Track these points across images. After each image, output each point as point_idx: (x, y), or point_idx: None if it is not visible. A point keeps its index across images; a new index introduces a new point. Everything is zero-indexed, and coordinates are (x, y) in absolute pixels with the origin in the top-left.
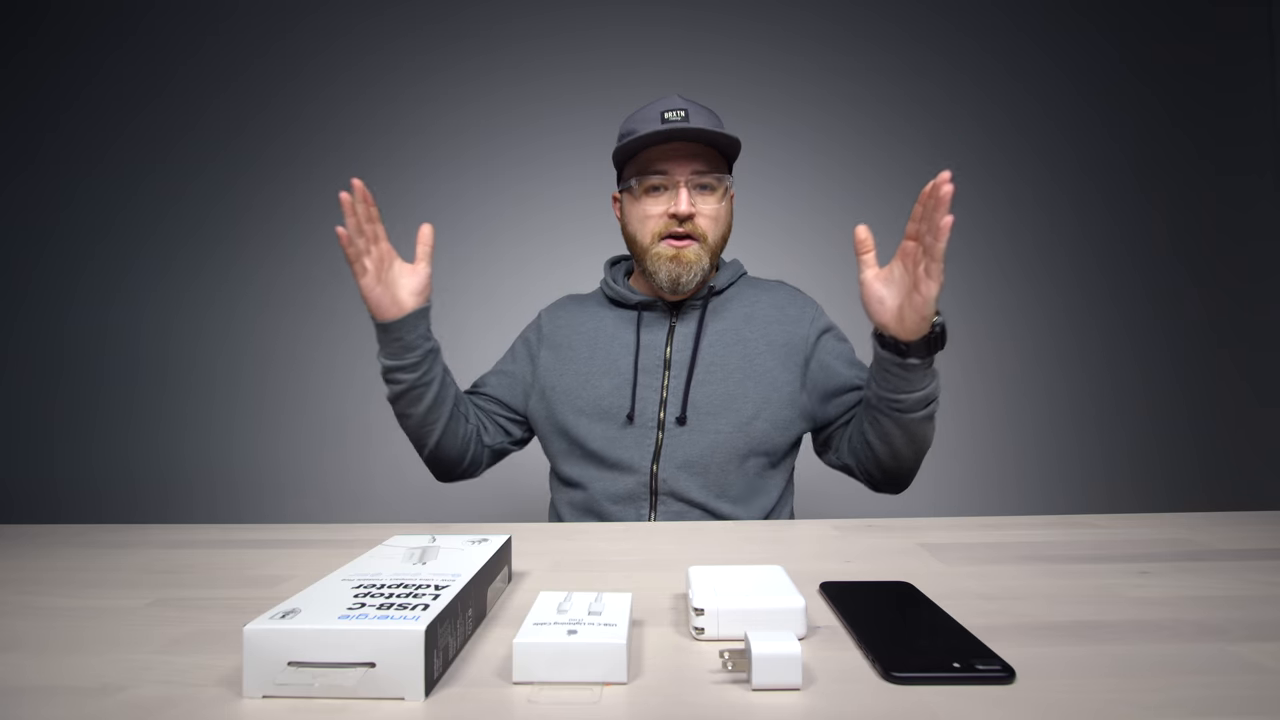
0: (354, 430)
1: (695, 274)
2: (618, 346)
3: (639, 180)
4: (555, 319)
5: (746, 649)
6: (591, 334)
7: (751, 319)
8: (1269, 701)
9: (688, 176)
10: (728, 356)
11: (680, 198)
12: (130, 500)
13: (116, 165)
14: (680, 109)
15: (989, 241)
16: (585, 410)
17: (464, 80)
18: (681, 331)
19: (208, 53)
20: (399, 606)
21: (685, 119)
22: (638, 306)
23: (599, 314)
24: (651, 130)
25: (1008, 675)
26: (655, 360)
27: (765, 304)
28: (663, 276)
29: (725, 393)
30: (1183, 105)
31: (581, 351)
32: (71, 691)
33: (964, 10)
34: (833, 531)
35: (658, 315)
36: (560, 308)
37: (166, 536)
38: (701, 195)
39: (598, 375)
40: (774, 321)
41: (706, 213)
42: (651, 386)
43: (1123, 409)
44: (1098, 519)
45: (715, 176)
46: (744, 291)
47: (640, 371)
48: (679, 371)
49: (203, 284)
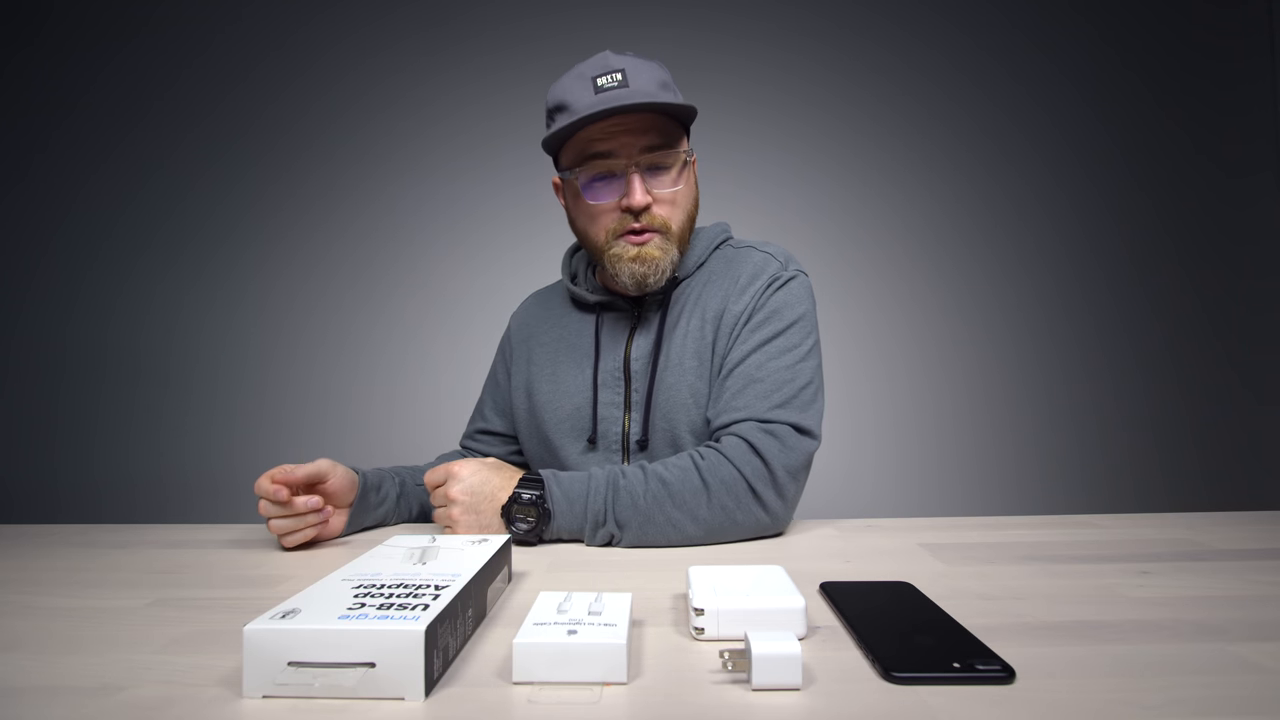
0: (354, 430)
1: (663, 269)
2: (579, 356)
3: (579, 169)
4: (522, 327)
5: (746, 649)
6: (555, 342)
7: (702, 302)
8: (1269, 701)
9: (637, 158)
10: (684, 358)
11: (634, 187)
12: (130, 500)
13: (117, 168)
14: (615, 70)
15: (989, 241)
16: (557, 427)
17: (465, 82)
18: (641, 335)
19: (210, 57)
20: (399, 607)
21: (624, 82)
22: (596, 308)
23: (561, 316)
24: (585, 108)
25: (1008, 675)
26: (615, 372)
27: (722, 281)
28: (626, 278)
29: (680, 403)
30: (1183, 104)
31: (545, 366)
32: (71, 691)
33: (964, 10)
34: (833, 531)
35: (619, 316)
36: (525, 312)
37: (166, 536)
38: (655, 177)
39: (562, 393)
40: (732, 300)
41: (664, 198)
42: (614, 404)
43: (1123, 409)
44: (1098, 519)
45: (671, 152)
46: (712, 268)
47: (600, 387)
48: (639, 383)
49: (203, 285)
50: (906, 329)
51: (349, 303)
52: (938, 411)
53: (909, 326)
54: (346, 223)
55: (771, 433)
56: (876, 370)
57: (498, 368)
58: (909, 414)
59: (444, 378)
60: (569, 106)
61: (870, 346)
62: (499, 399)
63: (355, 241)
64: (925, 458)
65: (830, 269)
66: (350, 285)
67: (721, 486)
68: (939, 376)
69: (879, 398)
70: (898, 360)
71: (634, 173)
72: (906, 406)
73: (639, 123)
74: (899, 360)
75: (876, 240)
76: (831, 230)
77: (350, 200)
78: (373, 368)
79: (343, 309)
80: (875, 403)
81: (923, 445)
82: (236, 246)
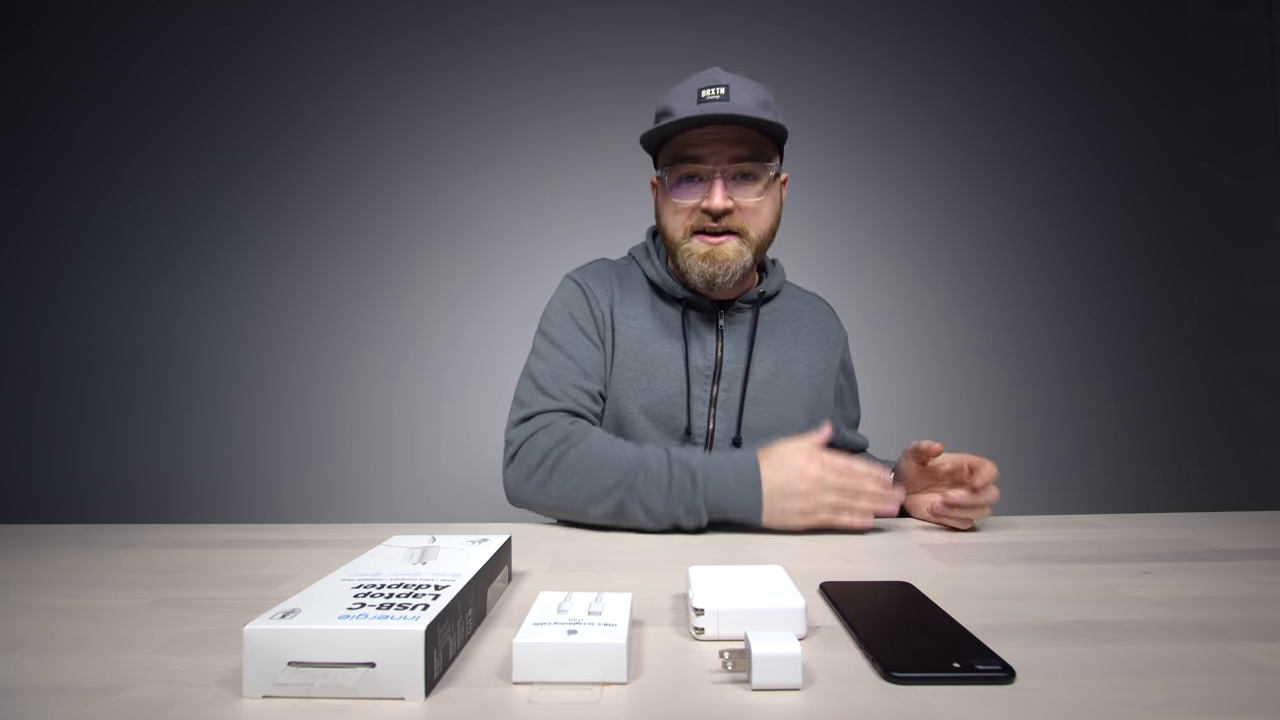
0: (354, 431)
1: (733, 273)
2: (668, 345)
3: (670, 169)
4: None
5: (746, 649)
6: (642, 321)
7: (799, 335)
8: (1269, 701)
9: (725, 165)
10: (778, 374)
11: (715, 190)
12: (130, 500)
13: (117, 168)
14: (721, 85)
15: (990, 243)
16: (646, 410)
17: (464, 82)
18: (731, 339)
19: (208, 55)
20: (399, 606)
21: (725, 97)
22: (684, 302)
23: (646, 299)
24: (685, 114)
25: (1008, 675)
26: (705, 369)
27: (809, 319)
28: (695, 275)
29: (776, 414)
30: (1183, 107)
31: (634, 343)
32: (71, 691)
33: (964, 11)
34: (833, 531)
35: (702, 315)
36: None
37: (166, 536)
38: (741, 185)
39: (655, 375)
40: (816, 345)
41: (746, 204)
42: (701, 399)
43: (1123, 409)
44: (1098, 519)
45: (759, 164)
46: (790, 302)
47: (690, 382)
48: (729, 385)
49: (203, 284)
50: (906, 330)
51: (349, 302)
52: (938, 412)
53: (908, 328)
54: (346, 222)
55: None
56: (876, 371)
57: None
58: (909, 414)
59: (444, 376)
60: (672, 112)
61: (870, 347)
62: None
63: (355, 241)
64: None
65: (830, 269)
66: (350, 284)
67: None
68: (939, 377)
69: (879, 398)
70: (897, 361)
71: (718, 177)
72: (906, 407)
73: (733, 134)
74: (899, 361)
75: (877, 241)
76: (831, 230)
77: (350, 199)
78: (372, 366)
79: (342, 308)
80: (875, 403)
81: None
82: (236, 246)
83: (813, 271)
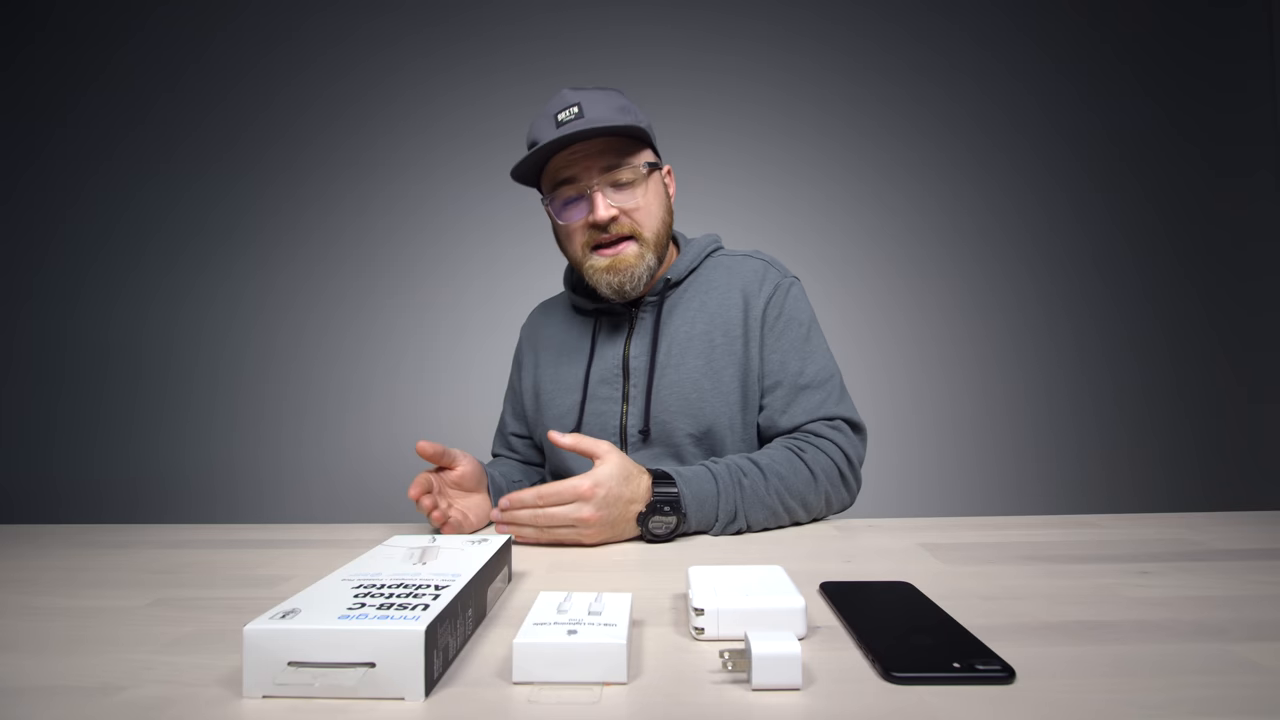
0: (354, 431)
1: (639, 276)
2: (578, 357)
3: (551, 196)
4: (530, 334)
5: (746, 649)
6: (557, 345)
7: (707, 307)
8: (1269, 701)
9: (598, 177)
10: (685, 355)
11: (596, 204)
12: (130, 500)
13: (118, 168)
14: (572, 105)
15: (988, 241)
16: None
17: (463, 82)
18: (639, 335)
19: (209, 56)
20: (399, 606)
21: (580, 114)
22: (594, 313)
23: (563, 321)
24: (547, 140)
25: (1008, 675)
26: (613, 370)
27: (723, 288)
28: (604, 288)
29: (681, 397)
30: (1182, 104)
31: (549, 368)
32: (71, 691)
33: (963, 10)
34: (833, 531)
35: (616, 319)
36: (532, 321)
37: (166, 536)
38: (620, 191)
39: (561, 390)
40: (734, 306)
41: (631, 208)
42: (611, 399)
43: (1122, 409)
44: (1098, 519)
45: (630, 167)
46: (708, 275)
47: (599, 383)
48: (638, 379)
49: (203, 285)
50: (906, 329)
51: (349, 302)
52: (937, 412)
53: (909, 327)
54: (346, 222)
55: (837, 428)
56: (876, 371)
57: (513, 375)
58: (909, 414)
59: (444, 376)
60: (536, 142)
61: (870, 347)
62: (517, 404)
63: (355, 241)
64: (925, 458)
65: (830, 269)
66: (350, 284)
67: (824, 476)
68: (938, 377)
69: (879, 398)
70: (897, 361)
71: (595, 191)
72: (906, 407)
73: (595, 146)
74: (898, 361)
75: (876, 240)
76: (831, 230)
77: (350, 199)
78: (372, 367)
79: (343, 308)
80: (875, 403)
81: (923, 445)
82: (236, 246)
83: (811, 272)
